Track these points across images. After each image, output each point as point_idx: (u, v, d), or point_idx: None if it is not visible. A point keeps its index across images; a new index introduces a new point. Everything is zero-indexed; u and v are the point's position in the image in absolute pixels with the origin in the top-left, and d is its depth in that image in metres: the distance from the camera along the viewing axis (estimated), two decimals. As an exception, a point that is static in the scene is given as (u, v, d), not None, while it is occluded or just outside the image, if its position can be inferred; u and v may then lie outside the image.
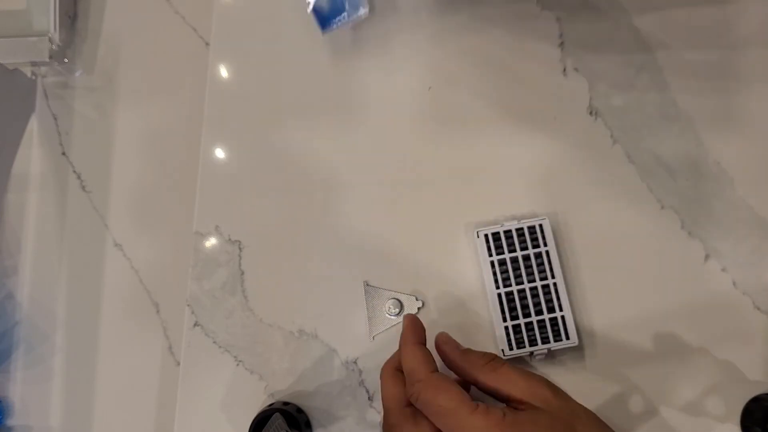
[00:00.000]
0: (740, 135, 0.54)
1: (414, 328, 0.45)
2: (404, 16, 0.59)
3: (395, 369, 0.44)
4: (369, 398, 0.52)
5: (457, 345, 0.44)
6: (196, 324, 0.55)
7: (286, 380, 0.53)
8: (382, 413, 0.44)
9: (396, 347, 0.46)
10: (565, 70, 0.56)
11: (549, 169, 0.55)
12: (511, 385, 0.39)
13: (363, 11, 0.58)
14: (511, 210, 0.54)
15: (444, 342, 0.44)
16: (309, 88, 0.59)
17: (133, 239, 0.65)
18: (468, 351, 0.43)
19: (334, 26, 0.58)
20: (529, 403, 0.38)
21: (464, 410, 0.37)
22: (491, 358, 0.41)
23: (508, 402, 0.40)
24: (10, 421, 0.63)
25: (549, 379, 0.40)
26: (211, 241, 0.57)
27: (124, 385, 0.63)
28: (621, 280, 0.52)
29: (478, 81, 0.57)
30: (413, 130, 0.57)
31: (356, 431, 0.52)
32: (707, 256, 0.52)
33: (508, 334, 0.49)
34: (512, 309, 0.50)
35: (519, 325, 0.50)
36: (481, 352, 0.42)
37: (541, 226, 0.51)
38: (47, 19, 0.66)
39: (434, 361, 0.42)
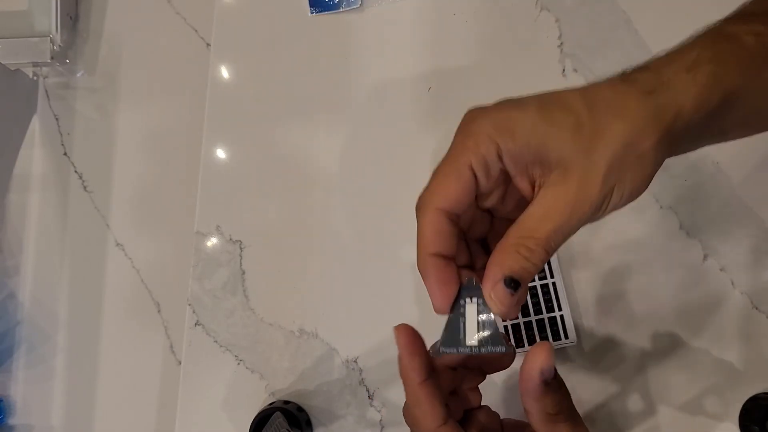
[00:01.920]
0: (739, 135, 0.54)
1: (412, 360, 0.33)
2: (405, 17, 0.60)
3: (421, 377, 0.33)
4: (369, 397, 0.53)
5: (551, 374, 0.33)
6: (197, 323, 0.55)
7: (287, 379, 0.54)
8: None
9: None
10: (564, 70, 0.57)
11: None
12: None
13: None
14: (511, 210, 0.54)
15: (542, 368, 0.32)
16: (310, 89, 0.59)
17: (134, 239, 0.65)
18: (550, 392, 0.33)
19: (325, 9, 0.59)
20: None
21: None
22: (560, 411, 0.34)
23: None
24: (12, 420, 0.63)
25: None
26: (212, 241, 0.57)
27: (126, 385, 0.63)
28: (620, 280, 0.52)
29: (478, 80, 0.57)
30: (414, 130, 0.57)
31: (356, 430, 0.52)
32: (706, 256, 0.52)
33: (508, 333, 0.50)
34: (512, 308, 0.50)
35: (518, 325, 0.50)
36: (557, 398, 0.34)
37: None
38: (49, 20, 0.67)
39: (442, 406, 0.33)
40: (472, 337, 0.32)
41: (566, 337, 0.49)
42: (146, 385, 0.62)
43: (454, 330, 0.32)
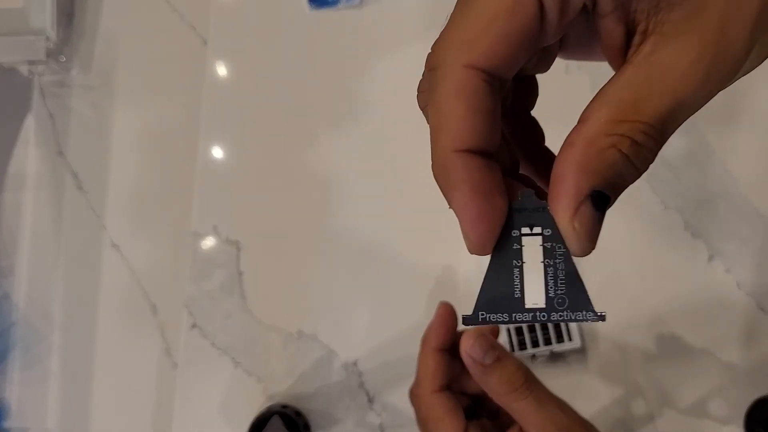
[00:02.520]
0: (745, 135, 0.54)
1: (439, 327, 0.37)
2: (405, 14, 0.59)
3: (439, 344, 0.36)
4: (369, 400, 0.52)
5: (483, 355, 0.33)
6: (194, 325, 0.55)
7: (285, 382, 0.53)
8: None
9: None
10: (567, 68, 0.56)
11: (551, 168, 0.54)
12: (524, 422, 0.34)
13: None
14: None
15: (466, 350, 0.33)
16: (308, 87, 0.59)
17: (130, 239, 0.64)
18: (490, 371, 0.33)
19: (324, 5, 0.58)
20: None
21: None
22: (513, 389, 0.33)
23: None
24: (7, 423, 0.63)
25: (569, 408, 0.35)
26: (209, 242, 0.56)
27: (122, 387, 0.62)
28: (624, 280, 0.52)
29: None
30: (415, 129, 0.56)
31: (356, 434, 0.52)
32: (711, 257, 0.52)
33: (510, 336, 0.49)
34: (514, 310, 0.49)
35: (520, 328, 0.49)
36: (504, 376, 0.33)
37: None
38: (44, 17, 0.66)
39: (444, 375, 0.36)
40: (536, 295, 0.19)
41: (570, 339, 0.49)
42: (142, 388, 0.61)
43: (502, 282, 0.19)
